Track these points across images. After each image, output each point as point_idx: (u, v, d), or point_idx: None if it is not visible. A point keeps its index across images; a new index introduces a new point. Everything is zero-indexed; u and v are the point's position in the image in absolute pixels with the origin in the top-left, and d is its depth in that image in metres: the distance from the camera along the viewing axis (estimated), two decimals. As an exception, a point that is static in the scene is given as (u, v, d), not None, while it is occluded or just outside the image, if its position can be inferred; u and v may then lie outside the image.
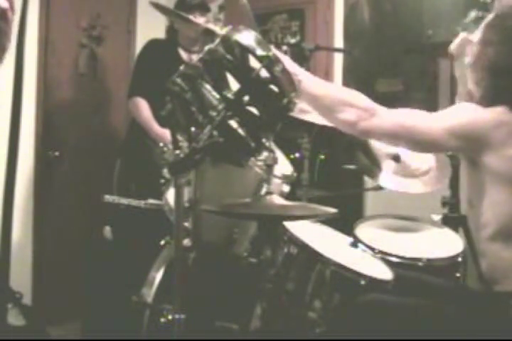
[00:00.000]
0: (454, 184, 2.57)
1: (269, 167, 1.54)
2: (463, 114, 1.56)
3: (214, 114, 1.29)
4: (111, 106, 3.68)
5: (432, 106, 3.20)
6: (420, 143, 1.59)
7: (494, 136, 1.50)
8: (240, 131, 1.32)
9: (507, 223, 1.51)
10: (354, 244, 2.09)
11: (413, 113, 1.61)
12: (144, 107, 2.96)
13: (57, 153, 3.30)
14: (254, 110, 1.33)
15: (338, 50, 3.60)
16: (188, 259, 1.87)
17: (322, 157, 3.04)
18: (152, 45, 3.11)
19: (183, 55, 3.07)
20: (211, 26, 1.50)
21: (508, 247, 1.52)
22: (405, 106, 1.65)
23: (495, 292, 1.53)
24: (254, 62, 1.31)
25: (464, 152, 1.59)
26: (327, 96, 1.62)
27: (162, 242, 2.08)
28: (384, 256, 2.04)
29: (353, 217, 2.38)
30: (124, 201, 2.18)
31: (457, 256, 2.12)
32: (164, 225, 1.89)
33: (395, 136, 1.60)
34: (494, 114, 1.53)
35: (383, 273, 1.83)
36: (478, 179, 1.56)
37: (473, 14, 1.64)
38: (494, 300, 1.53)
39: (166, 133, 2.74)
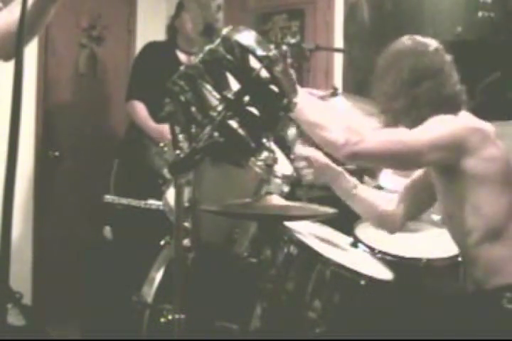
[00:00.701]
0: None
1: (269, 167, 1.54)
2: (441, 126, 1.62)
3: (214, 114, 1.29)
4: (111, 106, 3.68)
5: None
6: (406, 160, 1.65)
7: (471, 141, 1.59)
8: (240, 131, 1.32)
9: (493, 223, 1.56)
10: (354, 244, 2.09)
11: (395, 133, 1.67)
12: (140, 110, 2.96)
13: (57, 153, 3.30)
14: (254, 110, 1.33)
15: (338, 50, 3.59)
16: (188, 259, 1.87)
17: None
18: (150, 47, 3.11)
19: (182, 57, 3.07)
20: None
21: (495, 245, 1.56)
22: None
23: (488, 289, 1.55)
24: (254, 62, 1.31)
25: (444, 163, 1.63)
26: (319, 114, 1.64)
27: (162, 242, 2.08)
28: (384, 256, 2.04)
29: (353, 217, 2.38)
30: (124, 201, 2.18)
31: (457, 256, 2.12)
32: (164, 225, 1.89)
33: (380, 158, 1.65)
34: (466, 120, 1.65)
35: (383, 273, 1.83)
36: (456, 188, 1.62)
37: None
38: (489, 296, 1.55)
39: (162, 128, 2.75)
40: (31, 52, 3.11)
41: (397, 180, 2.36)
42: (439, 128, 1.61)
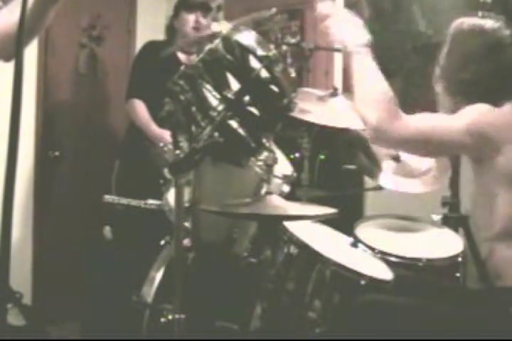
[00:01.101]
0: (454, 184, 2.56)
1: (269, 167, 1.54)
2: (476, 113, 1.58)
3: (214, 114, 1.29)
4: (111, 106, 3.68)
5: (431, 106, 3.19)
6: (439, 144, 1.61)
7: (504, 136, 1.54)
8: (240, 131, 1.32)
9: (505, 225, 1.54)
10: (354, 244, 2.09)
11: (430, 116, 1.64)
12: (141, 109, 2.95)
13: (57, 153, 3.30)
14: (254, 110, 1.33)
15: (338, 50, 3.59)
16: (188, 259, 1.87)
17: (322, 157, 3.04)
18: (149, 47, 3.10)
19: (181, 56, 3.07)
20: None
21: (505, 246, 1.54)
22: (405, 106, 1.66)
23: (496, 287, 1.55)
24: (254, 62, 1.31)
25: (475, 152, 1.60)
26: (367, 85, 1.62)
27: (162, 242, 2.08)
28: (384, 256, 2.04)
29: (353, 217, 2.38)
30: (124, 201, 2.18)
31: (457, 256, 2.12)
32: (164, 225, 1.89)
33: (413, 141, 1.61)
34: (505, 114, 1.58)
35: (383, 273, 1.84)
36: (483, 181, 1.59)
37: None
38: (495, 295, 1.54)
39: (164, 134, 2.74)
40: (31, 52, 3.11)
41: (397, 180, 2.36)
42: (473, 114, 1.57)
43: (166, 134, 2.73)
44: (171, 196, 1.86)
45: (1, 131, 1.12)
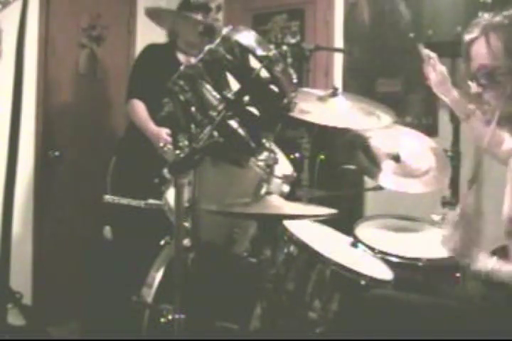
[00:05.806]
0: (454, 184, 2.56)
1: (269, 167, 1.54)
2: None
3: (214, 114, 1.29)
4: (111, 106, 3.68)
5: (431, 106, 3.20)
6: None
7: None
8: (240, 131, 1.32)
9: None
10: (354, 244, 2.09)
11: None
12: (140, 108, 2.96)
13: (57, 153, 3.30)
14: (254, 110, 1.33)
15: (338, 50, 3.60)
16: (188, 259, 1.87)
17: (322, 157, 3.03)
18: (149, 49, 3.11)
19: (182, 58, 3.07)
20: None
21: None
22: (405, 106, 1.65)
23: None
24: (254, 63, 1.31)
25: None
26: None
27: (162, 242, 2.08)
28: (384, 256, 2.04)
29: (353, 217, 2.38)
30: (124, 201, 2.18)
31: (457, 256, 2.12)
32: (164, 225, 1.89)
33: None
34: None
35: (383, 273, 1.84)
36: None
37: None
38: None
39: (161, 132, 2.75)
40: (31, 52, 3.11)
41: (398, 180, 2.36)
42: None
43: (164, 133, 2.74)
44: (170, 196, 1.86)
45: (2, 131, 1.12)
